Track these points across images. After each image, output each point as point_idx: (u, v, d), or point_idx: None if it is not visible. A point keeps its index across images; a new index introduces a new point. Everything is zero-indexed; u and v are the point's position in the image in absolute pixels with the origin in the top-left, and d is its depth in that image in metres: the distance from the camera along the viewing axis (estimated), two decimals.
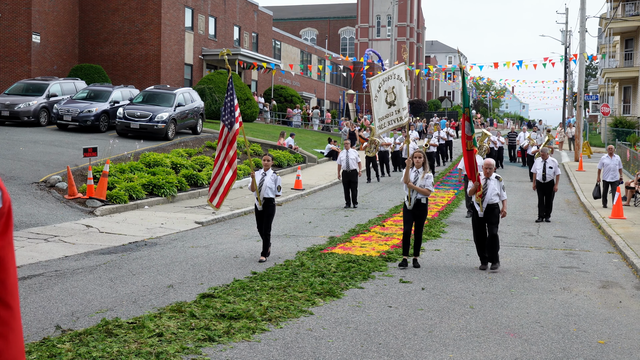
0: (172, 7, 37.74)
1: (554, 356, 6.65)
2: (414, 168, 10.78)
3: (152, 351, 6.29)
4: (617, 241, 13.13)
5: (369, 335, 7.10)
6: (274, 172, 11.32)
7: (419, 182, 10.63)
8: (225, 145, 11.07)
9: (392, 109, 11.68)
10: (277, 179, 11.27)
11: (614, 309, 8.55)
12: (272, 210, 11.25)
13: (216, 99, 34.07)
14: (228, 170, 11.05)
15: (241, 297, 8.36)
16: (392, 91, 11.64)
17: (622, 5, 44.21)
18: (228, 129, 11.11)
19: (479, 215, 10.82)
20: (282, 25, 75.32)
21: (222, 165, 11.04)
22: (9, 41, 33.19)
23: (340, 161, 18.45)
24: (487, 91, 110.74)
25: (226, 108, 11.23)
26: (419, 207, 10.77)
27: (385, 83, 11.69)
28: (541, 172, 16.13)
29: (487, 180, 10.83)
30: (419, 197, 10.70)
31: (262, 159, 11.44)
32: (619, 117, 44.87)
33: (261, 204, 11.11)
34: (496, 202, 10.78)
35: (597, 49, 63.61)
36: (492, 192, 10.75)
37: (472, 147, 10.87)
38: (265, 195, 11.12)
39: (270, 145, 28.51)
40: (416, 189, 10.62)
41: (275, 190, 11.20)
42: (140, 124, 24.28)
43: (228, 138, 11.09)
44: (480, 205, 10.78)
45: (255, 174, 11.15)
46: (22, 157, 18.63)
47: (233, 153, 11.10)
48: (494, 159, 26.12)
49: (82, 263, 10.52)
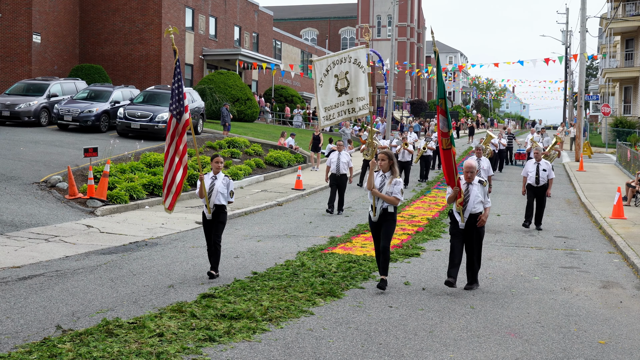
0: (173, 7, 37.76)
1: (554, 356, 6.66)
2: (380, 172, 9.23)
3: (152, 351, 6.30)
4: (618, 241, 13.13)
5: (370, 335, 7.10)
6: (225, 175, 9.98)
7: (385, 188, 9.02)
8: (175, 139, 9.76)
9: (344, 97, 9.99)
10: (230, 183, 9.92)
11: (614, 309, 8.55)
12: (224, 219, 9.98)
13: (217, 99, 34.08)
14: (179, 167, 9.84)
15: (242, 297, 8.36)
16: (344, 77, 9.94)
17: (623, 5, 44.21)
18: (177, 119, 9.74)
19: (459, 227, 9.37)
20: (282, 26, 75.31)
21: (172, 162, 9.82)
22: (10, 41, 33.21)
23: (331, 163, 16.99)
24: (487, 91, 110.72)
25: (173, 96, 9.84)
26: (386, 217, 9.12)
27: (336, 67, 9.95)
28: (534, 174, 14.92)
29: (468, 185, 9.39)
30: (385, 205, 9.08)
31: (212, 161, 9.93)
32: (620, 117, 44.88)
33: (210, 212, 9.79)
34: (480, 211, 9.33)
35: (597, 49, 63.62)
36: (475, 199, 9.30)
37: (449, 146, 9.35)
38: (217, 202, 9.79)
39: (271, 145, 28.52)
40: (382, 196, 9.01)
41: (228, 196, 9.89)
42: (140, 124, 24.29)
43: (177, 130, 9.75)
44: (462, 215, 9.34)
45: (204, 178, 9.80)
46: (22, 157, 18.64)
47: (183, 147, 9.80)
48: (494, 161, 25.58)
49: (83, 263, 10.52)
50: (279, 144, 28.65)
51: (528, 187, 15.07)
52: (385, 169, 9.15)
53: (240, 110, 36.68)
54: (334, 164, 16.81)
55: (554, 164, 29.85)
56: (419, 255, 11.54)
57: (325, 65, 9.98)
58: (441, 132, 9.44)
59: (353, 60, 9.93)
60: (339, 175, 16.68)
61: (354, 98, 9.95)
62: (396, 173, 9.12)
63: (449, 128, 9.39)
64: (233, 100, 36.07)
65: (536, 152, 15.28)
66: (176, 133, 9.74)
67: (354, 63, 9.92)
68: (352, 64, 9.92)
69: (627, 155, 28.13)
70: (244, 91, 37.55)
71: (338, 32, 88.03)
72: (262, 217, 16.23)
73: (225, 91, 35.77)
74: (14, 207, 14.07)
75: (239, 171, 21.66)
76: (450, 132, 9.37)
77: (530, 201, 15.09)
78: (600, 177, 26.47)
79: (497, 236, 13.89)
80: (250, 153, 25.48)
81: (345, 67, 9.94)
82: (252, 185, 21.83)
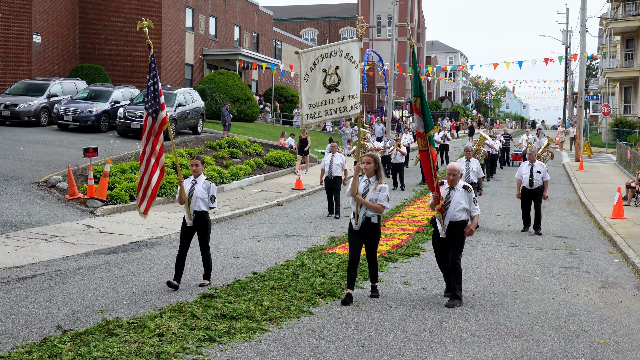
0: (173, 7, 37.76)
1: (554, 356, 6.66)
2: (364, 177, 8.49)
3: (152, 351, 6.30)
4: (618, 241, 13.13)
5: (370, 335, 7.10)
6: (207, 178, 9.29)
7: (369, 194, 8.32)
8: (151, 139, 9.15)
9: (333, 95, 9.03)
10: (211, 188, 9.19)
11: (614, 309, 8.56)
12: (206, 227, 9.24)
13: (217, 99, 34.08)
14: (155, 169, 9.19)
15: (242, 297, 8.36)
16: (334, 72, 9.00)
17: (623, 5, 44.22)
18: (153, 118, 9.15)
19: (440, 235, 8.65)
20: (282, 25, 75.34)
21: (148, 163, 9.18)
22: (10, 41, 33.21)
23: (324, 165, 16.34)
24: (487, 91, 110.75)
25: (149, 93, 9.24)
26: (369, 228, 8.39)
27: (325, 60, 8.97)
28: (528, 177, 14.26)
29: (450, 190, 8.59)
30: (369, 214, 8.37)
31: (190, 164, 9.33)
32: (620, 117, 44.90)
33: (191, 218, 9.16)
34: (462, 219, 8.52)
35: (597, 49, 63.65)
36: (456, 205, 8.49)
37: (425, 147, 8.61)
38: (196, 209, 9.10)
39: (271, 145, 28.53)
40: (365, 203, 8.32)
41: (209, 201, 9.19)
42: (141, 124, 24.26)
43: (154, 129, 9.15)
44: (442, 223, 8.54)
45: (183, 182, 9.20)
46: (22, 157, 18.64)
47: (160, 147, 9.17)
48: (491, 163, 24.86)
49: (83, 263, 10.52)
50: (279, 144, 28.66)
51: (523, 190, 14.43)
52: (370, 173, 8.44)
53: (241, 110, 36.70)
54: (327, 167, 16.23)
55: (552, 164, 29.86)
56: (419, 255, 11.54)
57: (313, 58, 8.96)
58: (417, 133, 8.71)
59: (344, 55, 9.04)
60: (332, 178, 16.03)
61: (345, 96, 9.08)
62: (382, 178, 8.41)
63: (429, 128, 8.55)
64: (233, 100, 36.08)
65: (530, 153, 14.59)
66: (152, 132, 9.15)
67: (345, 57, 9.04)
68: (343, 58, 9.03)
69: (627, 155, 28.12)
70: (244, 91, 37.55)
71: (338, 32, 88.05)
72: (262, 217, 16.23)
73: (226, 91, 35.78)
74: (14, 207, 14.08)
75: (239, 171, 21.67)
76: (430, 132, 8.56)
77: (526, 205, 14.50)
78: (600, 177, 26.47)
79: (497, 236, 13.90)
80: (250, 153, 25.48)
81: (336, 61, 9.02)
82: (252, 185, 21.84)
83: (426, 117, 8.54)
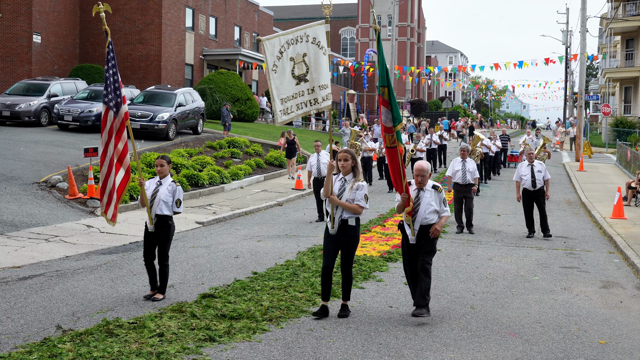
0: (173, 7, 37.76)
1: (554, 356, 6.66)
2: (340, 175, 7.72)
3: (152, 351, 6.30)
4: (618, 241, 13.13)
5: (370, 335, 7.10)
6: (173, 180, 8.56)
7: (345, 194, 7.54)
8: (113, 136, 8.28)
9: (303, 86, 8.04)
10: (176, 190, 8.45)
11: (614, 309, 8.56)
12: (168, 233, 8.49)
13: (217, 99, 34.08)
14: (119, 169, 8.38)
15: (242, 297, 8.36)
16: (302, 60, 8.00)
17: (623, 5, 44.22)
18: (114, 112, 8.26)
19: (409, 241, 7.85)
20: (282, 25, 75.21)
21: (111, 163, 8.35)
22: (10, 41, 33.22)
23: (311, 167, 15.74)
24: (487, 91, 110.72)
25: (108, 85, 8.30)
26: (346, 231, 7.59)
27: (292, 47, 7.96)
28: (529, 177, 13.74)
29: (419, 191, 7.85)
30: (345, 216, 7.58)
31: (155, 163, 8.49)
32: (620, 117, 44.91)
33: (152, 223, 8.45)
34: (434, 222, 7.78)
35: (597, 48, 63.65)
36: (426, 208, 7.77)
37: (394, 144, 7.76)
38: (158, 212, 8.38)
39: (271, 145, 28.53)
40: (341, 204, 7.53)
41: (173, 205, 8.44)
42: (141, 124, 24.28)
43: (115, 125, 8.27)
44: (411, 227, 7.79)
45: (145, 183, 8.51)
46: (22, 157, 18.65)
47: (124, 146, 8.32)
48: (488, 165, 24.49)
49: (83, 263, 10.53)
50: (279, 144, 28.63)
51: (524, 192, 13.88)
52: (347, 171, 7.62)
53: (241, 110, 36.71)
54: (314, 167, 15.68)
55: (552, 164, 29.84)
56: None
57: (278, 45, 7.89)
58: (384, 127, 7.80)
59: (311, 40, 8.06)
60: (320, 179, 15.27)
61: (315, 86, 8.07)
62: (359, 175, 7.62)
63: (396, 122, 7.69)
64: (233, 100, 36.09)
65: (529, 153, 14.15)
66: (114, 129, 8.27)
67: (312, 43, 8.05)
68: (310, 44, 8.04)
69: (627, 155, 28.12)
70: (244, 91, 37.55)
71: (338, 32, 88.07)
72: (262, 217, 16.23)
73: (226, 91, 35.78)
74: (14, 207, 14.08)
75: (239, 171, 21.67)
76: (397, 127, 7.69)
77: (529, 208, 13.91)
78: (600, 177, 26.47)
79: (497, 236, 13.89)
80: (250, 153, 25.49)
81: (303, 47, 8.00)
82: (252, 185, 21.84)
83: (394, 110, 7.69)
